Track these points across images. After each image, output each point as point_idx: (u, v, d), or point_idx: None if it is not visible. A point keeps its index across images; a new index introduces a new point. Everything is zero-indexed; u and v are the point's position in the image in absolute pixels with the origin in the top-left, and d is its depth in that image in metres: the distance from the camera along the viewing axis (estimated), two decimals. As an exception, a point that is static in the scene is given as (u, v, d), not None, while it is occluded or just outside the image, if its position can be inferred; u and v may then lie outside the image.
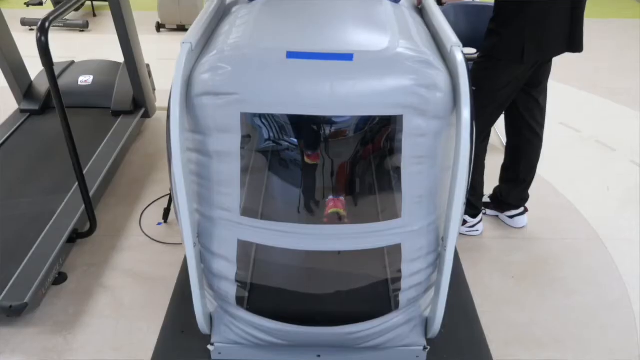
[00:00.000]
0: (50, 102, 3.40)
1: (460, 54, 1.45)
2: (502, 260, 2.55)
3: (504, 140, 2.81)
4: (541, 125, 2.51)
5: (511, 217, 2.75)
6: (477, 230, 2.69)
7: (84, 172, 2.41)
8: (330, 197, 1.52)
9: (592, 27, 5.60)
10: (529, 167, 2.60)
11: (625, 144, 3.52)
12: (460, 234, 2.66)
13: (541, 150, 2.58)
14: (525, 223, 2.76)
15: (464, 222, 2.65)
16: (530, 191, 2.69)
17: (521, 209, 2.74)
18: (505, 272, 2.48)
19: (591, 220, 2.81)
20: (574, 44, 2.26)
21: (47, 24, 2.03)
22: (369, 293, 1.69)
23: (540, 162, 2.61)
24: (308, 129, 1.45)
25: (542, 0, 2.09)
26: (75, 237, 2.47)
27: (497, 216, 2.81)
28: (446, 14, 2.22)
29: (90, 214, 2.46)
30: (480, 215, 2.68)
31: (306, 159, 1.48)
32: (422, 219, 1.59)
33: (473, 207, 2.63)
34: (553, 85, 2.46)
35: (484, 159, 2.56)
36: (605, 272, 2.49)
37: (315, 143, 1.47)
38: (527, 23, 2.15)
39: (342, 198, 1.53)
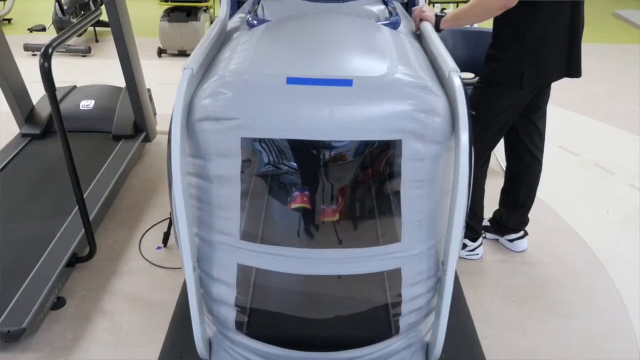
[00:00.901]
0: (51, 127, 3.42)
1: (458, 79, 1.47)
2: (503, 284, 2.54)
3: (504, 164, 2.83)
4: (540, 150, 2.53)
5: (511, 240, 2.75)
6: (477, 254, 2.68)
7: (84, 196, 2.41)
8: (324, 207, 1.52)
9: (589, 51, 5.66)
10: (528, 191, 2.61)
11: (625, 167, 3.53)
12: (461, 257, 2.65)
13: (541, 174, 2.59)
14: (525, 247, 2.75)
15: (464, 245, 2.65)
16: (530, 215, 2.70)
17: (521, 233, 2.74)
18: (505, 296, 2.47)
19: (591, 244, 2.81)
20: (573, 70, 2.29)
21: (50, 50, 2.05)
22: (369, 317, 1.68)
23: (540, 186, 2.61)
24: (307, 152, 1.46)
25: (540, 26, 2.13)
26: (75, 261, 2.46)
27: (497, 240, 2.81)
28: (444, 40, 2.25)
29: (89, 238, 2.46)
30: (480, 239, 2.68)
31: (292, 204, 1.48)
32: (422, 243, 1.59)
33: (473, 230, 2.63)
34: (552, 109, 2.48)
35: (483, 183, 2.57)
36: (606, 296, 2.48)
37: (312, 175, 1.47)
38: (526, 49, 2.17)
39: (335, 207, 1.52)
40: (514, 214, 2.67)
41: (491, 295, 2.48)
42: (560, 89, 4.63)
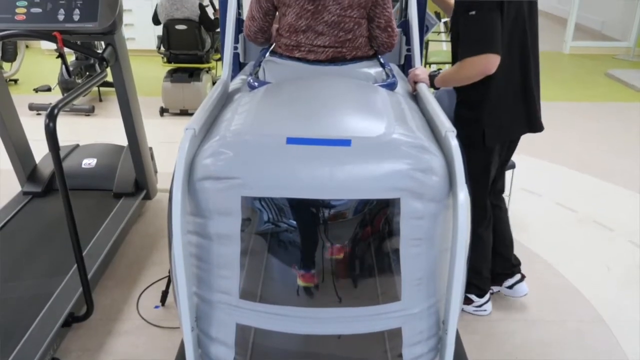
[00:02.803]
0: (53, 185, 3.45)
1: (454, 139, 1.51)
2: (505, 343, 2.50)
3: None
4: (499, 196, 2.59)
5: (510, 287, 2.72)
6: (485, 310, 2.65)
7: (84, 254, 2.41)
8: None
9: (584, 109, 5.81)
10: (500, 238, 2.63)
11: (623, 224, 3.54)
12: (468, 313, 2.63)
13: (508, 217, 2.62)
14: (526, 291, 2.71)
15: (471, 301, 2.62)
16: (530, 272, 2.69)
17: (518, 276, 2.71)
18: (508, 356, 2.43)
19: (593, 301, 2.79)
20: (532, 124, 2.36)
21: (56, 111, 2.10)
22: (370, 379, 1.65)
23: (539, 242, 2.62)
24: (307, 211, 1.47)
25: (494, 86, 2.19)
26: (71, 320, 2.43)
27: (499, 292, 2.78)
28: (440, 99, 2.32)
29: (87, 297, 2.44)
30: (488, 295, 2.65)
31: (299, 281, 1.50)
32: (422, 302, 1.58)
33: (479, 289, 2.61)
34: (548, 166, 2.53)
35: (489, 243, 2.56)
36: (610, 355, 2.44)
37: (313, 224, 1.48)
38: (485, 107, 2.25)
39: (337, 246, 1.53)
40: (495, 259, 2.66)
41: (493, 354, 2.43)
42: (556, 146, 4.71)
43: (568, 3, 8.60)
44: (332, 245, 1.50)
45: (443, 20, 5.31)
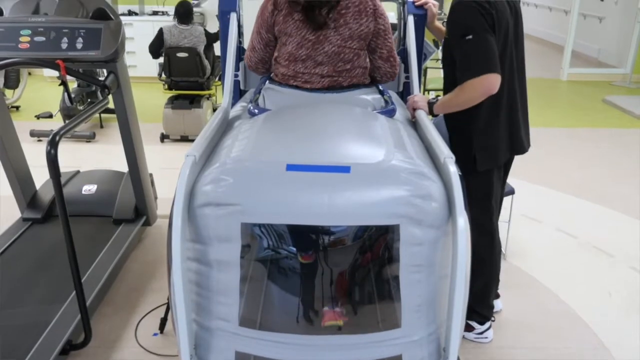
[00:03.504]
0: (53, 211, 3.45)
1: (453, 165, 1.51)
2: (507, 371, 2.48)
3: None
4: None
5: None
6: (487, 338, 2.62)
7: (82, 280, 2.40)
8: (326, 308, 1.52)
9: (583, 135, 5.84)
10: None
11: (624, 250, 3.53)
12: (470, 340, 2.61)
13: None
14: (500, 307, 2.78)
15: (472, 328, 2.60)
16: (531, 299, 2.68)
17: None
18: (511, 384, 2.40)
19: (595, 328, 2.76)
20: (514, 147, 2.38)
21: (57, 138, 2.11)
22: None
23: (540, 268, 2.61)
24: (306, 238, 1.48)
25: (484, 106, 2.20)
26: (69, 348, 2.41)
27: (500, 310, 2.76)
28: (439, 126, 2.33)
29: (85, 324, 2.42)
30: (489, 322, 2.63)
31: (301, 259, 1.49)
32: (423, 329, 1.57)
33: (481, 315, 2.59)
34: (547, 192, 2.53)
35: (494, 268, 2.55)
36: (614, 384, 2.41)
37: (313, 250, 1.48)
38: (474, 132, 2.27)
39: (337, 309, 1.52)
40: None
41: (496, 383, 2.41)
42: (555, 172, 4.72)
43: (565, 31, 8.71)
44: (331, 271, 1.50)
45: (441, 47, 5.37)
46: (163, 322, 2.71)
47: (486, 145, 2.29)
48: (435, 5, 2.67)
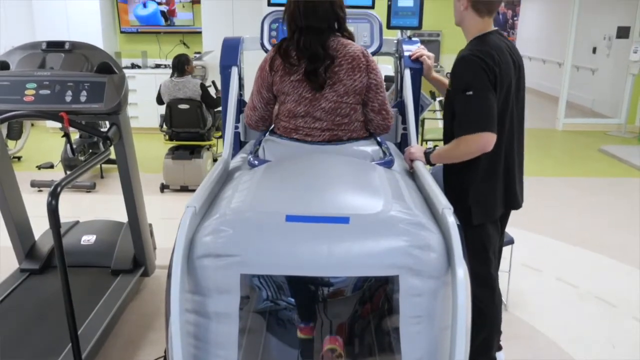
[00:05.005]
0: (51, 262, 3.43)
1: (451, 216, 1.53)
2: None
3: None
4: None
5: None
6: None
7: (79, 332, 2.37)
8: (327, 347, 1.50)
9: (580, 184, 5.88)
10: None
11: (625, 299, 3.50)
12: None
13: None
14: (503, 358, 2.71)
15: None
16: (534, 350, 2.64)
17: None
18: None
19: (600, 381, 2.72)
20: (508, 202, 2.37)
21: (59, 189, 2.12)
22: None
23: (541, 318, 2.58)
24: (306, 289, 1.47)
25: (480, 161, 2.22)
26: (63, 403, 2.36)
27: None
28: (437, 176, 2.36)
29: (81, 378, 2.37)
30: None
31: (299, 333, 1.48)
32: (424, 382, 1.55)
33: None
34: (545, 241, 2.53)
35: (495, 319, 2.52)
36: None
37: (311, 311, 1.48)
38: (470, 185, 2.28)
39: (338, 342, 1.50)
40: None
41: None
42: (554, 221, 4.72)
43: (559, 82, 8.89)
44: (331, 323, 1.49)
45: (438, 99, 5.48)
46: (160, 375, 2.66)
47: (481, 199, 2.29)
48: (430, 57, 2.74)
